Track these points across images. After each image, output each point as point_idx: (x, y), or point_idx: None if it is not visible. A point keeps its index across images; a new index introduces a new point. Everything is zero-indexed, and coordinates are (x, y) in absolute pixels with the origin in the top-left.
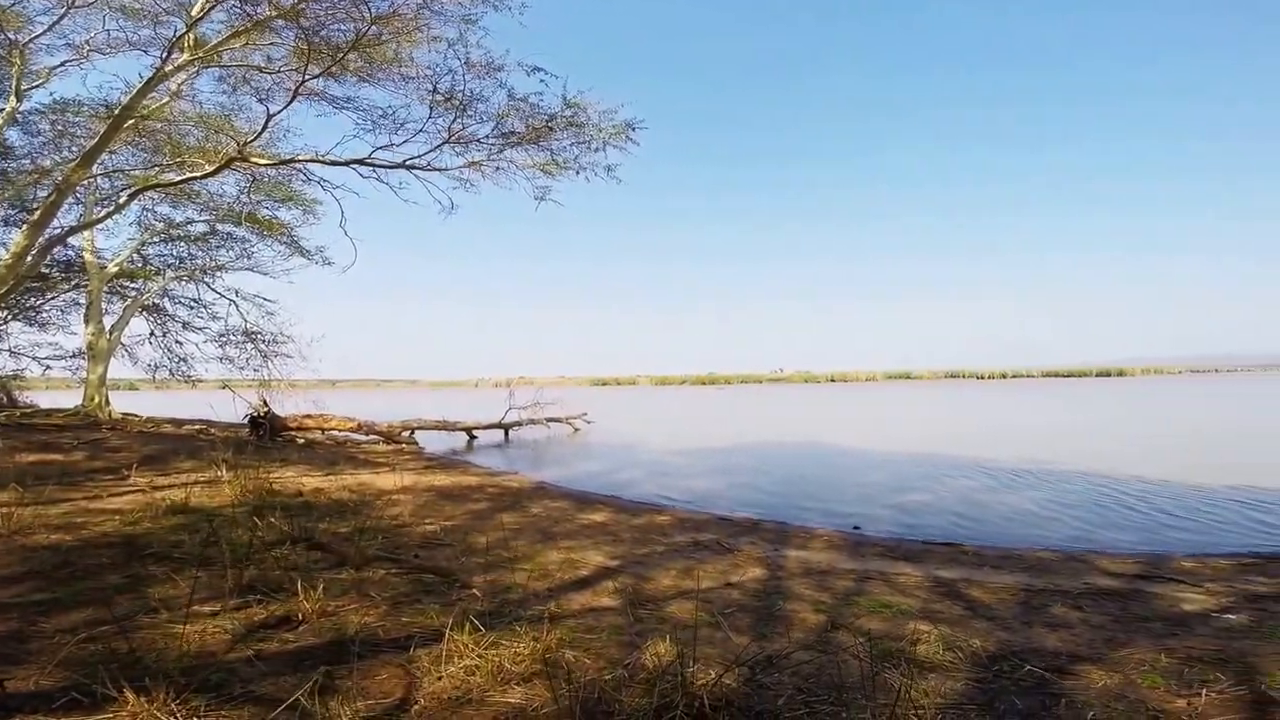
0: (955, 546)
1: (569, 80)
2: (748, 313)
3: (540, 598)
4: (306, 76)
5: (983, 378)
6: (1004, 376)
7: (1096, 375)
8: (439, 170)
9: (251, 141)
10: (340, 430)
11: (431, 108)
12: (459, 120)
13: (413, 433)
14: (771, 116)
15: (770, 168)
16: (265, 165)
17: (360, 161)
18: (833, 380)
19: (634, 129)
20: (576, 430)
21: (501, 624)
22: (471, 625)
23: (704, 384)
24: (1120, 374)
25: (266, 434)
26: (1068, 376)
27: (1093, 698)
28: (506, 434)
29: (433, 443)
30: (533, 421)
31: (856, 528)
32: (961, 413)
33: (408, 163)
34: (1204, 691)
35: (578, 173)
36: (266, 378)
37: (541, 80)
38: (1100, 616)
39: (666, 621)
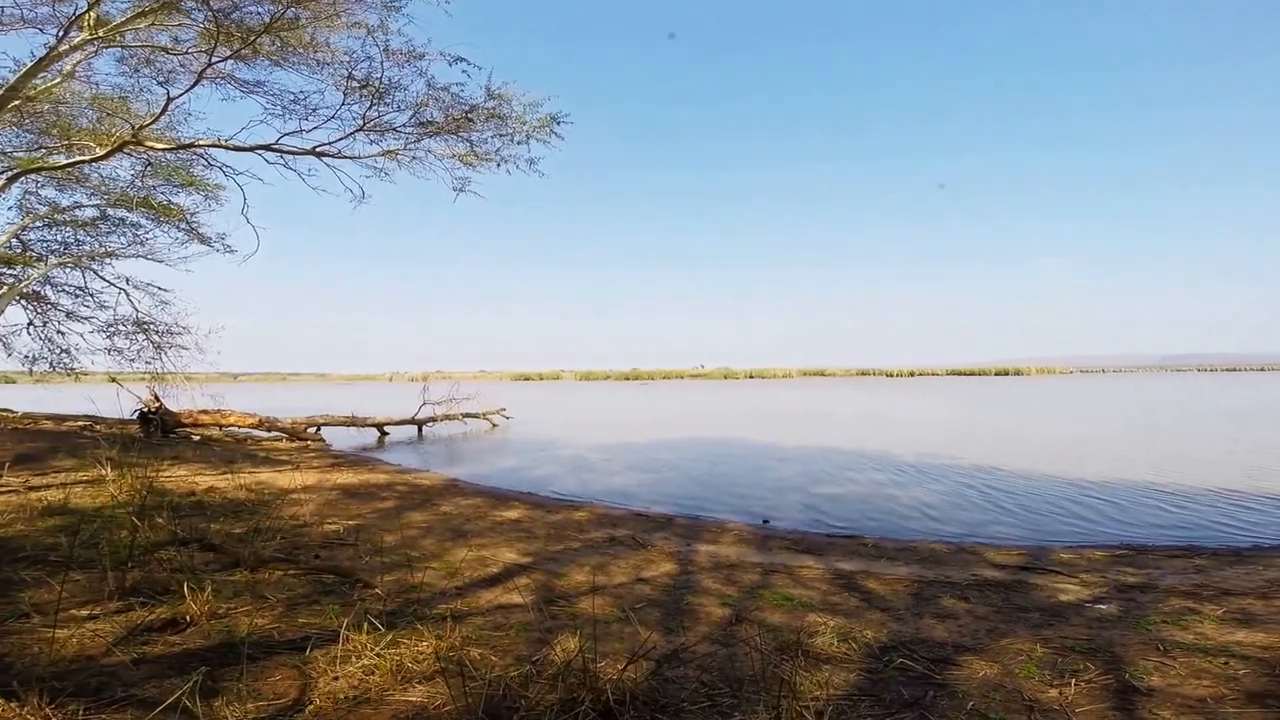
0: (856, 539)
1: (494, 72)
2: (673, 313)
3: (447, 596)
4: (214, 59)
5: (891, 375)
6: (911, 374)
7: (995, 374)
8: (351, 158)
9: (149, 125)
10: (240, 426)
11: (345, 94)
12: (375, 108)
13: (319, 429)
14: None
15: (689, 178)
16: (163, 149)
17: (266, 147)
18: (751, 377)
19: (559, 123)
20: (495, 426)
21: (404, 623)
22: (370, 625)
23: (628, 380)
24: (1017, 373)
25: (158, 430)
26: (969, 374)
27: (973, 688)
28: (420, 430)
29: (341, 440)
30: (448, 417)
31: (766, 521)
32: (870, 408)
33: (318, 150)
34: (1074, 681)
35: (499, 165)
36: (160, 371)
37: (464, 71)
38: (984, 607)
39: (578, 617)
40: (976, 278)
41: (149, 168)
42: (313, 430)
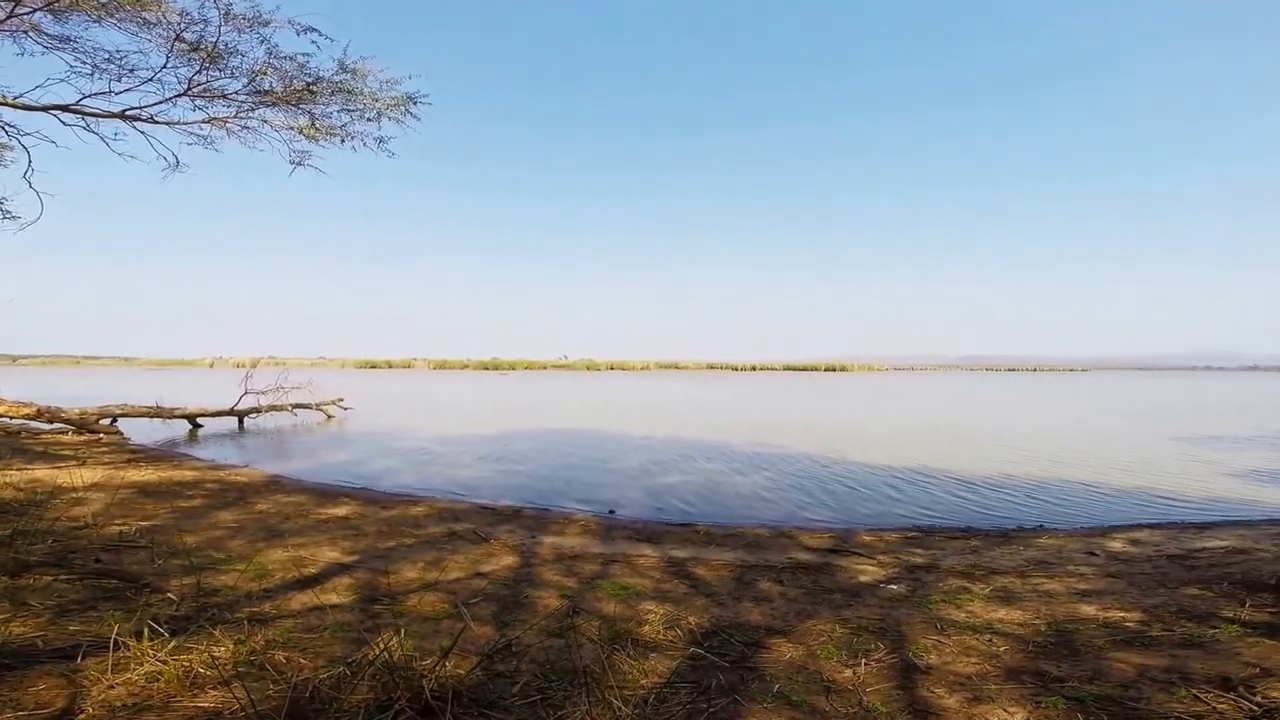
0: (690, 527)
1: (351, 44)
2: (538, 301)
3: (254, 599)
4: (16, 11)
5: (736, 369)
6: (753, 369)
7: (825, 369)
8: (169, 124)
9: None
10: (12, 417)
11: (168, 57)
12: (205, 73)
13: (115, 420)
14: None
15: (558, 171)
16: None
17: (64, 108)
18: (612, 368)
19: (415, 102)
20: (330, 418)
21: (197, 628)
22: (151, 630)
23: (486, 369)
24: (844, 369)
25: None
26: (802, 370)
27: (780, 671)
28: (241, 422)
29: (144, 433)
30: (275, 408)
31: (611, 511)
32: (716, 400)
33: (128, 113)
34: (865, 661)
35: (343, 141)
36: None
37: (313, 42)
38: (796, 589)
39: (405, 615)
40: (811, 284)
41: None
42: (106, 422)
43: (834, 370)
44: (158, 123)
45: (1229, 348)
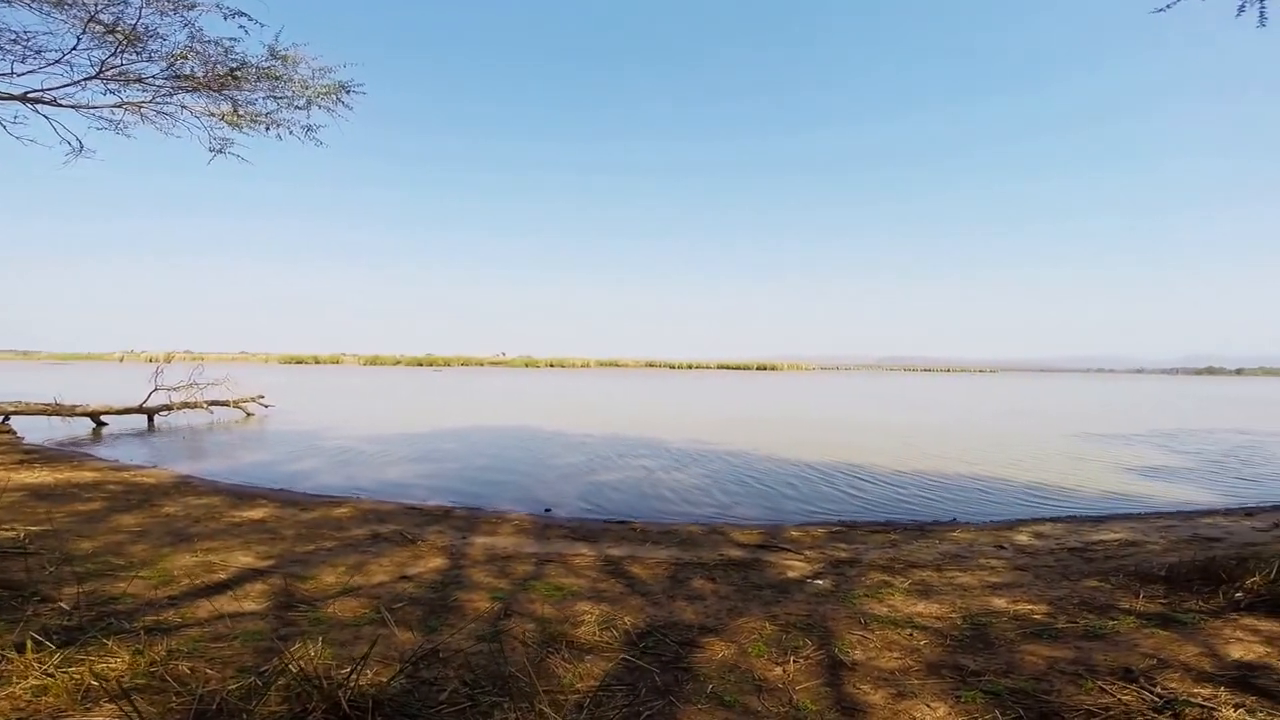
0: (627, 524)
1: (284, 31)
2: (476, 297)
3: (156, 607)
4: None
5: (673, 367)
6: (689, 367)
7: (757, 369)
8: (77, 108)
9: None
10: None
11: (79, 38)
12: (120, 55)
13: (7, 418)
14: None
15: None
16: None
17: None
18: (551, 365)
19: (349, 91)
20: (250, 415)
21: (90, 638)
22: (37, 642)
23: (420, 365)
24: (773, 368)
25: None
26: (735, 368)
27: (713, 670)
28: (151, 420)
29: (40, 431)
30: (189, 405)
31: (548, 510)
32: (654, 397)
33: (29, 95)
34: (793, 659)
35: (268, 129)
36: None
37: (241, 26)
38: (728, 587)
39: (324, 622)
40: (746, 287)
41: None
42: None
43: (765, 369)
44: (64, 106)
45: (1119, 352)
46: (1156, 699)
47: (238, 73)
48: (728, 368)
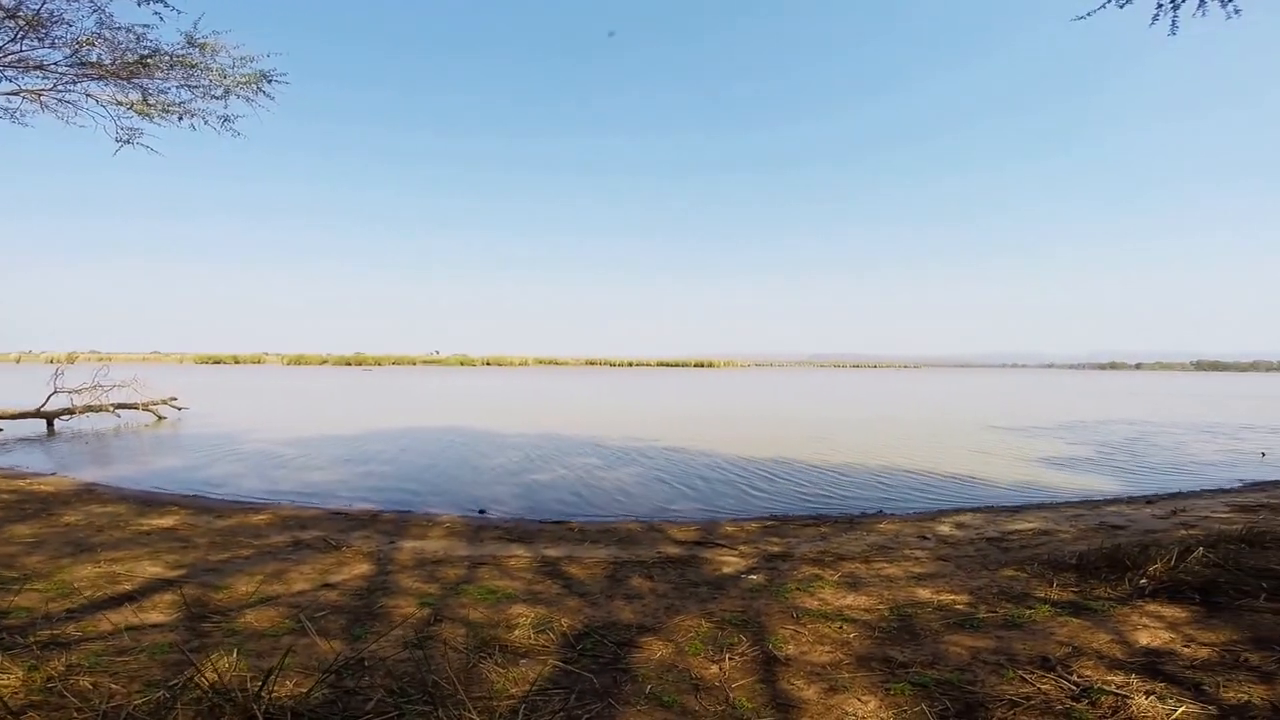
0: (564, 524)
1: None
2: (410, 292)
3: (54, 620)
4: None
5: (613, 365)
6: (629, 364)
7: (695, 365)
8: None
9: None
10: None
11: None
12: (19, 42)
13: None
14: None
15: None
16: None
17: None
18: (488, 364)
19: (270, 81)
20: (161, 419)
21: None
22: None
23: (349, 365)
24: (710, 365)
25: None
26: (673, 365)
27: (651, 670)
28: (51, 425)
29: None
30: (94, 408)
31: (482, 511)
32: (593, 395)
33: None
34: (729, 656)
35: (181, 118)
36: None
37: (156, 13)
38: (665, 584)
39: (239, 633)
40: (687, 285)
41: None
42: None
43: (702, 366)
44: None
45: (1032, 348)
46: (1074, 687)
47: (149, 60)
48: (667, 365)
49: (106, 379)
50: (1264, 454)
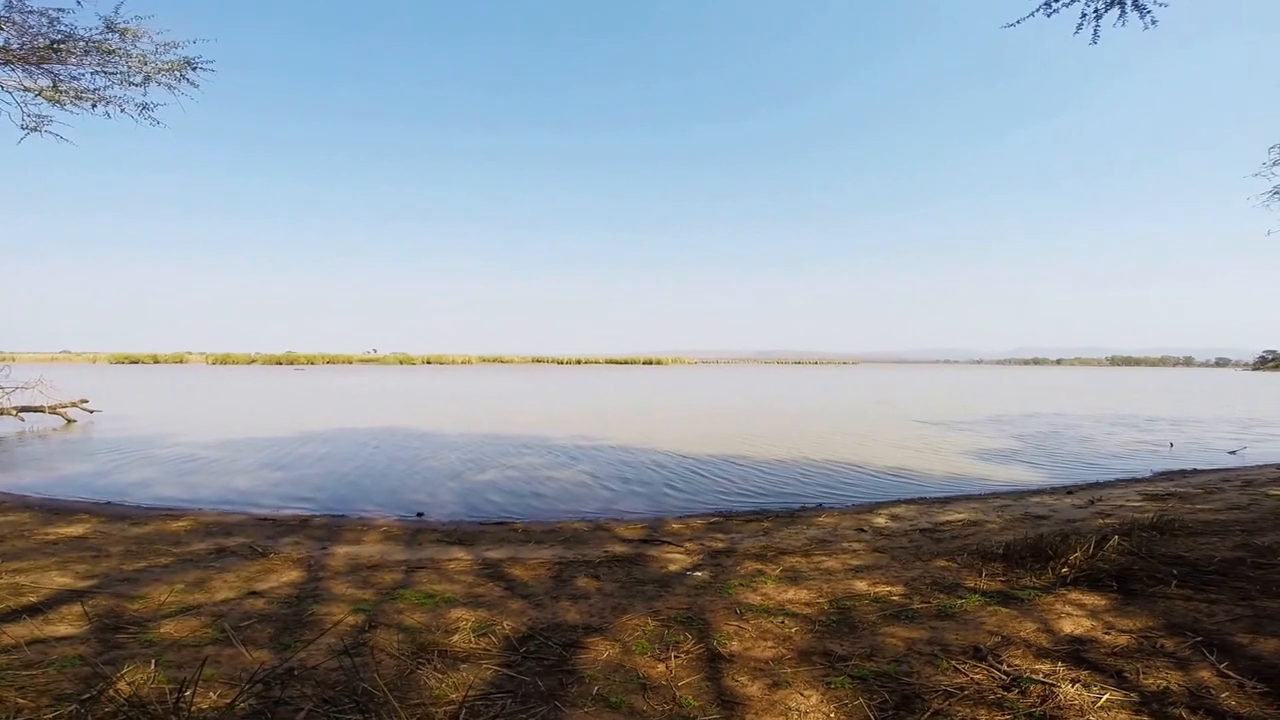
0: (507, 525)
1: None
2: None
3: None
4: None
5: (561, 362)
6: (577, 362)
7: (643, 363)
8: None
9: None
10: None
11: None
12: None
13: None
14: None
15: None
16: None
17: None
18: (429, 362)
19: (195, 68)
20: (71, 422)
21: None
22: None
23: (280, 364)
24: (659, 362)
25: None
26: (621, 363)
27: (599, 671)
28: None
29: None
30: None
31: (420, 514)
32: (537, 394)
33: None
34: (675, 655)
35: (95, 106)
36: None
37: None
38: (611, 584)
39: (157, 644)
40: (635, 282)
41: None
42: None
43: (651, 364)
44: None
45: (961, 345)
46: (1004, 677)
47: (61, 46)
48: (615, 362)
49: (8, 380)
50: (1171, 444)
